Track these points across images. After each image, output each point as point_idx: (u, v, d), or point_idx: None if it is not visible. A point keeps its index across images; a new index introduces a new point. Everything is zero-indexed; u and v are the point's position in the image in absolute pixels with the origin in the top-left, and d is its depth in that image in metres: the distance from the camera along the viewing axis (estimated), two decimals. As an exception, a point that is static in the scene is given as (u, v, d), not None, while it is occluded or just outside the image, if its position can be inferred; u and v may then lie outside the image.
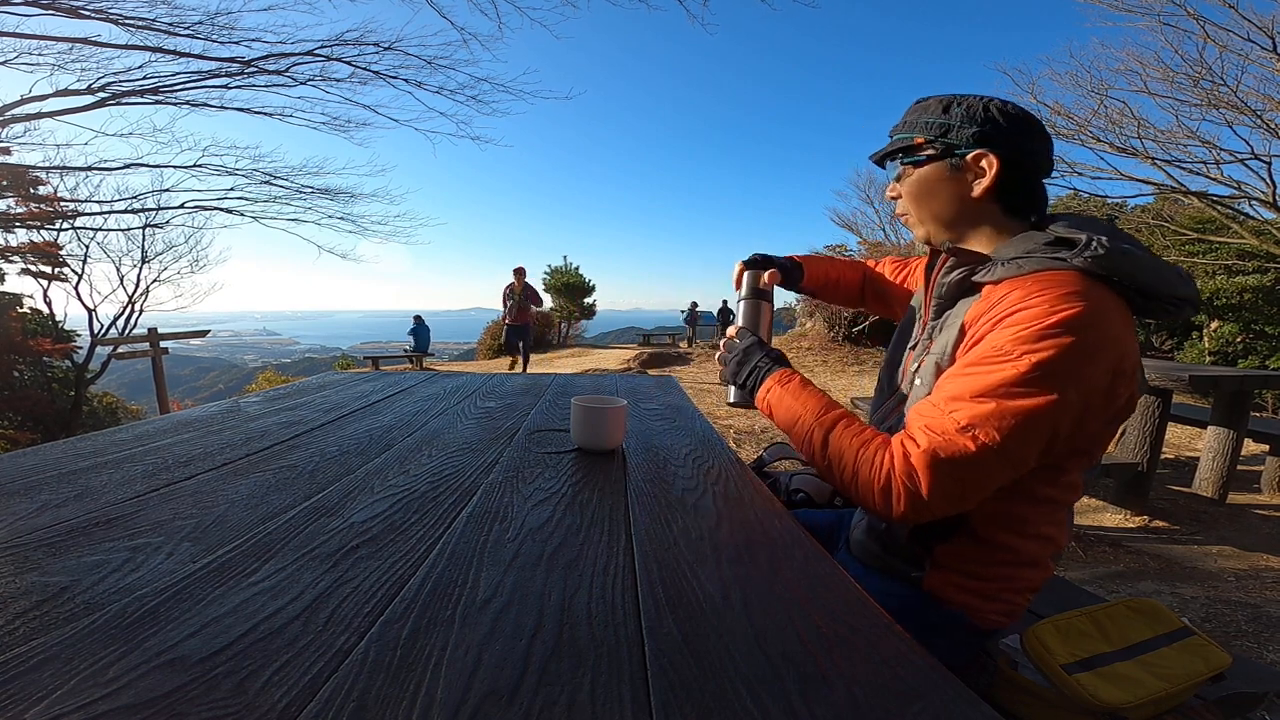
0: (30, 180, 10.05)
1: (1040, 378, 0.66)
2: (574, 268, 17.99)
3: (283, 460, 0.91)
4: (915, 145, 0.84)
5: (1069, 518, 0.82)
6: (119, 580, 0.52)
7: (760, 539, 0.66)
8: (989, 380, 0.68)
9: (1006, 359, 0.68)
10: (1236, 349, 11.20)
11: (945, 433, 0.69)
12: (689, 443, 1.09)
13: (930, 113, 0.84)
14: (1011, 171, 0.80)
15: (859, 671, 0.42)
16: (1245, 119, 7.64)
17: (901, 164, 0.86)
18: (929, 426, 0.71)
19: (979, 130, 0.80)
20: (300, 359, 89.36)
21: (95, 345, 11.88)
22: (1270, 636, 1.86)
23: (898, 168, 0.87)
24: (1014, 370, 0.67)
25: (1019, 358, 0.67)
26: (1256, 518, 2.94)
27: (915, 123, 0.85)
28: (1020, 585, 0.81)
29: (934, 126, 0.83)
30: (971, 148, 0.80)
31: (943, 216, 0.85)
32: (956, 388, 0.71)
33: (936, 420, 0.71)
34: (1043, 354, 0.66)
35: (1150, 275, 0.72)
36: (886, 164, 0.90)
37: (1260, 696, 0.81)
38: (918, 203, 0.87)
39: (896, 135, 0.87)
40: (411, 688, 0.39)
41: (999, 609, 0.81)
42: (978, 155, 0.81)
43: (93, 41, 7.23)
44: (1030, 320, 0.68)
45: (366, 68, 8.46)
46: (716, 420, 4.80)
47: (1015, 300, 0.71)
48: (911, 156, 0.85)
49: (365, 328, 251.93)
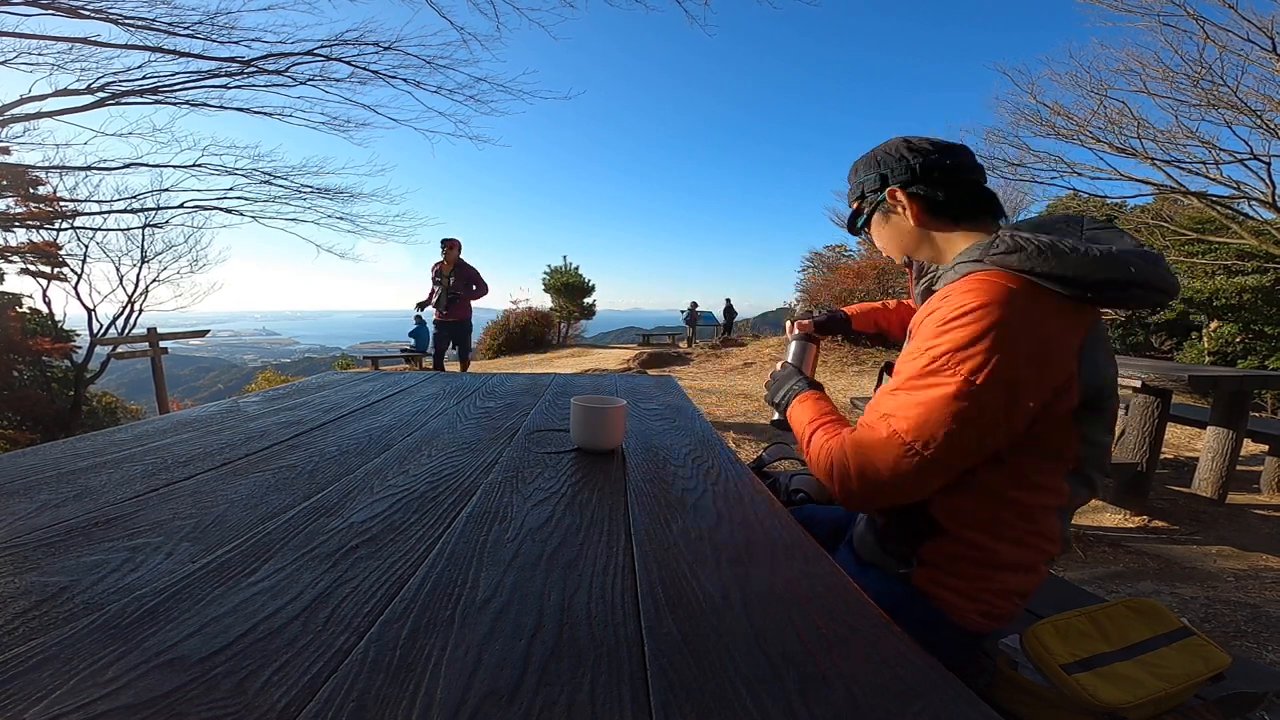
0: (30, 180, 10.04)
1: (941, 367, 0.72)
2: (574, 268, 17.99)
3: (282, 460, 0.91)
4: (855, 210, 0.99)
5: (1060, 525, 0.80)
6: (118, 580, 0.52)
7: (760, 539, 0.66)
8: (902, 374, 0.77)
9: (918, 354, 0.75)
10: (1236, 349, 11.21)
11: (867, 423, 0.78)
12: (689, 443, 1.09)
13: (850, 180, 0.99)
14: (926, 192, 0.88)
15: (859, 671, 0.42)
16: (1245, 119, 7.64)
17: (860, 226, 1.00)
18: (860, 419, 0.81)
19: (878, 175, 0.92)
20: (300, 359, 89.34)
21: (95, 345, 11.87)
22: (1270, 636, 1.86)
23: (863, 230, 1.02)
24: (922, 361, 0.74)
25: (925, 352, 0.74)
26: (1256, 518, 2.94)
27: (849, 192, 1.00)
28: (999, 588, 0.80)
29: (855, 188, 0.98)
30: (880, 192, 0.92)
31: (907, 249, 0.96)
32: (886, 386, 0.81)
33: (866, 414, 0.80)
34: (943, 345, 0.72)
35: (1072, 267, 0.71)
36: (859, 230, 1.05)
37: (1260, 696, 0.81)
38: (887, 247, 0.99)
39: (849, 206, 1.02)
40: (411, 688, 0.39)
41: (979, 609, 0.80)
42: (891, 193, 0.92)
43: (92, 41, 7.22)
44: (940, 318, 0.75)
45: (366, 67, 8.46)
46: (716, 420, 4.80)
47: (935, 302, 0.79)
48: (860, 219, 0.99)
49: (365, 328, 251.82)
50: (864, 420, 0.80)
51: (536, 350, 14.89)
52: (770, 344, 10.74)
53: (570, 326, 17.95)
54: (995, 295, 0.71)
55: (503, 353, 14.85)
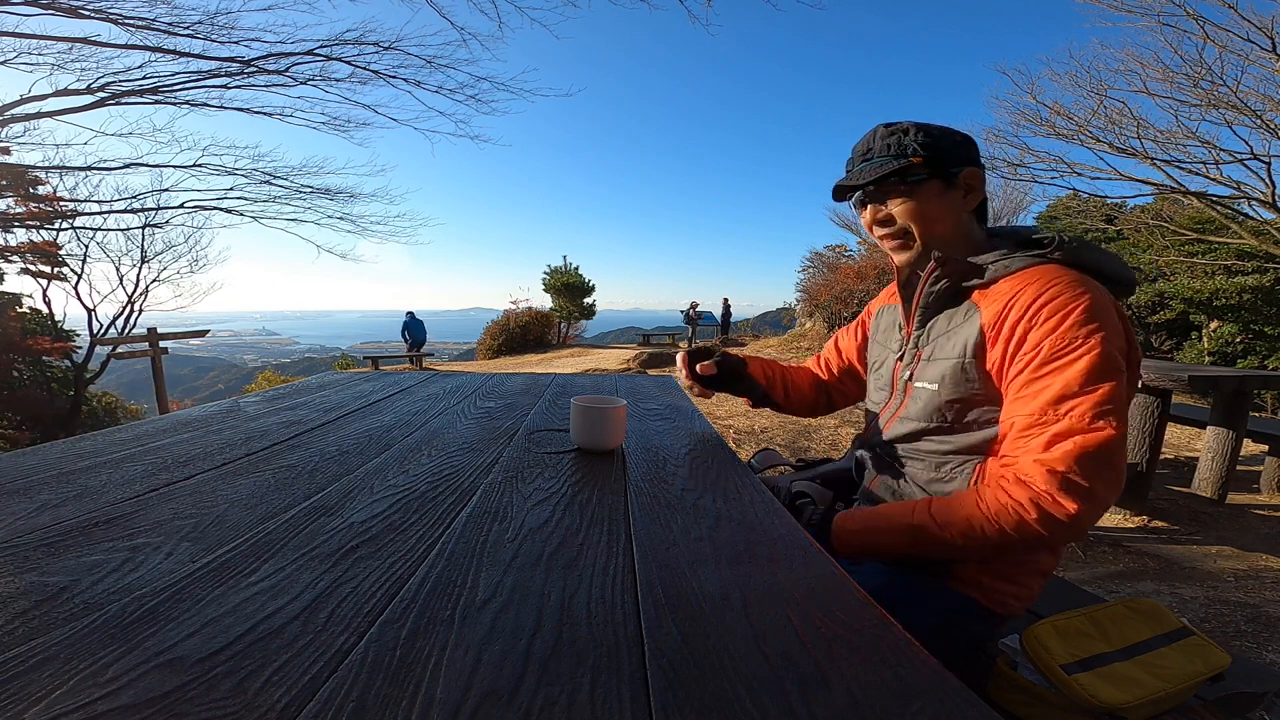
0: (30, 180, 10.04)
1: (1109, 353, 0.74)
2: (574, 268, 18.00)
3: (282, 460, 0.91)
4: (912, 166, 0.87)
5: None
6: (118, 580, 0.52)
7: (760, 539, 0.66)
8: (1076, 371, 0.74)
9: (1075, 348, 0.75)
10: (1236, 349, 11.20)
11: (1076, 430, 0.72)
12: (689, 443, 1.09)
13: (912, 136, 0.88)
14: (985, 191, 0.92)
15: (859, 671, 0.42)
16: (1245, 119, 7.63)
17: (906, 184, 0.88)
18: (1055, 435, 0.73)
19: (959, 150, 0.89)
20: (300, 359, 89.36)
21: (94, 345, 11.88)
22: (1269, 636, 1.86)
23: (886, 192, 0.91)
24: (1092, 354, 0.74)
25: (1085, 341, 0.74)
26: (1256, 518, 2.94)
27: (904, 145, 0.88)
28: (1035, 568, 0.86)
29: (928, 147, 0.87)
30: (961, 166, 0.88)
31: (943, 234, 0.91)
32: (1051, 392, 0.75)
33: (1056, 427, 0.73)
34: (1099, 334, 0.75)
35: (1107, 263, 0.85)
36: (864, 192, 0.93)
37: (1260, 696, 0.81)
38: (922, 222, 0.90)
39: (881, 159, 0.89)
40: (411, 688, 0.39)
41: (1015, 591, 0.85)
42: (970, 172, 0.89)
43: (92, 41, 7.22)
44: (1064, 309, 0.76)
45: (366, 67, 8.46)
46: (716, 420, 4.80)
47: (1033, 295, 0.79)
48: (913, 176, 0.88)
49: (364, 327, 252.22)
50: (1059, 433, 0.73)
51: (537, 350, 14.89)
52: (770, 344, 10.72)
53: (570, 326, 17.95)
54: (1095, 285, 0.80)
55: (503, 353, 14.85)
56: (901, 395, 0.97)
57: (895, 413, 0.97)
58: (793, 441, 4.37)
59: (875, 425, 1.02)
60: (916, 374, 0.93)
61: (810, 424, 4.79)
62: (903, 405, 0.95)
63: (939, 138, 0.88)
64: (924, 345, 0.93)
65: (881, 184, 0.90)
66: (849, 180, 0.93)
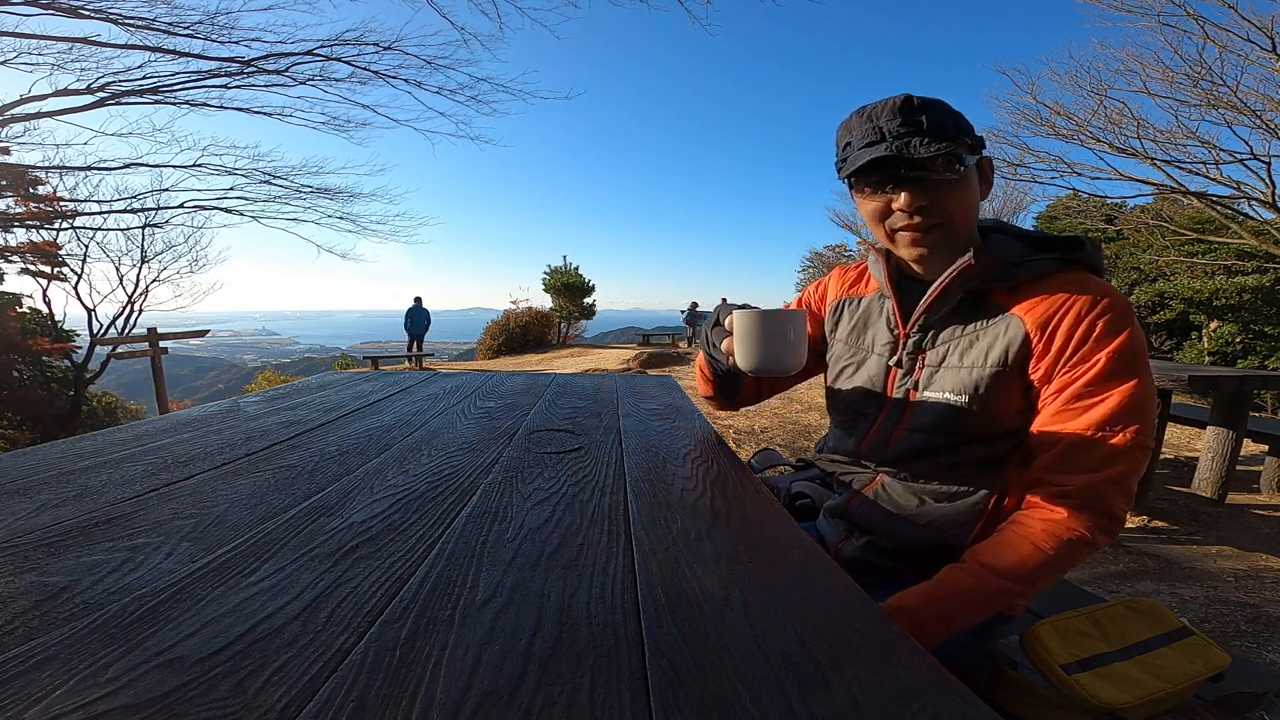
0: (30, 180, 10.04)
1: (1152, 377, 0.77)
2: (574, 268, 18.00)
3: (282, 460, 0.91)
4: (966, 149, 0.78)
5: None
6: (118, 580, 0.52)
7: (760, 539, 0.66)
8: (1125, 392, 0.74)
9: (1128, 368, 0.75)
10: (1236, 349, 11.20)
11: (1127, 452, 0.74)
12: (689, 443, 1.09)
13: (954, 117, 0.78)
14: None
15: (859, 671, 0.42)
16: (1245, 119, 7.64)
17: (957, 168, 0.78)
18: (1109, 456, 0.74)
19: (976, 136, 0.81)
20: (300, 359, 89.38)
21: (94, 345, 11.88)
22: (1269, 636, 1.86)
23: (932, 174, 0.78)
24: (1143, 377, 0.75)
25: (1136, 362, 0.75)
26: (1256, 518, 2.94)
27: (956, 123, 0.78)
28: None
29: (968, 132, 0.79)
30: (978, 154, 0.81)
31: (970, 227, 0.84)
32: (1101, 411, 0.75)
33: (1112, 449, 0.74)
34: (1144, 356, 0.77)
35: (1103, 263, 0.85)
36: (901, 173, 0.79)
37: (1259, 696, 0.81)
38: (964, 214, 0.81)
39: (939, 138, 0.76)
40: (411, 688, 0.39)
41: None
42: (988, 161, 0.84)
43: (92, 41, 7.23)
44: (1118, 328, 0.76)
45: (366, 67, 8.47)
46: (716, 420, 4.80)
47: (1085, 307, 0.77)
48: (965, 160, 0.78)
49: (364, 327, 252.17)
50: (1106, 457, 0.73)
51: (537, 350, 14.88)
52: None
53: (570, 326, 17.95)
54: (1122, 297, 0.79)
55: (503, 352, 14.85)
56: (900, 406, 0.90)
57: (898, 424, 0.90)
58: (793, 441, 4.37)
59: (864, 436, 0.94)
60: (924, 382, 0.86)
61: (810, 424, 4.79)
62: (906, 416, 0.89)
63: (957, 122, 0.79)
64: (930, 349, 0.87)
65: (930, 164, 0.77)
66: (891, 153, 0.76)
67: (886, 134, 0.78)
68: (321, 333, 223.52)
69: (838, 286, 1.08)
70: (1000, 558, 0.75)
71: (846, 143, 0.84)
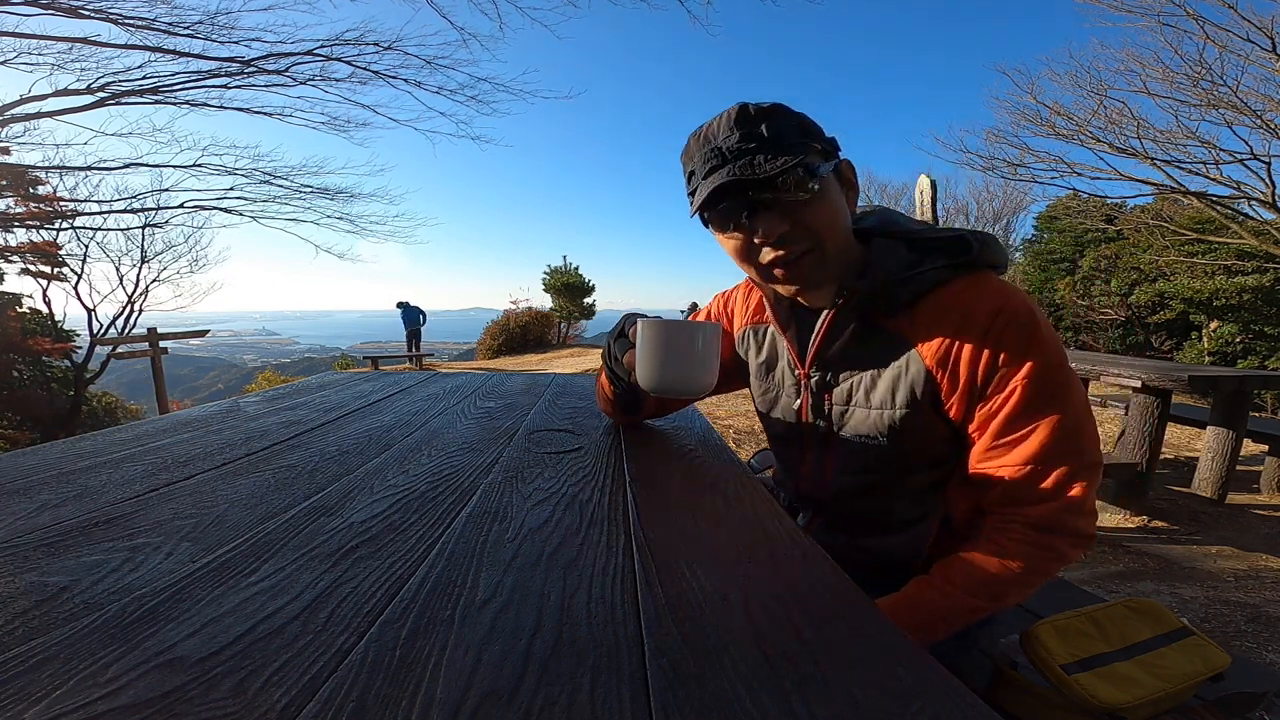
0: (30, 180, 10.04)
1: (1076, 376, 0.74)
2: (574, 268, 18.01)
3: (282, 460, 0.91)
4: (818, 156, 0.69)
5: None
6: (118, 580, 0.52)
7: (760, 539, 0.66)
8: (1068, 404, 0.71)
9: (1058, 380, 0.72)
10: (1236, 349, 11.20)
11: (1084, 463, 0.72)
12: (689, 443, 1.09)
13: (797, 120, 0.70)
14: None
15: (859, 671, 0.42)
16: (1245, 119, 7.64)
17: (814, 180, 0.68)
18: (1066, 474, 0.71)
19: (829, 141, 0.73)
20: (299, 359, 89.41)
21: (94, 345, 11.88)
22: (1270, 636, 1.86)
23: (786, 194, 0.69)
24: (1074, 385, 0.73)
25: (1063, 370, 0.72)
26: (1256, 518, 2.94)
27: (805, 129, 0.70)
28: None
29: (816, 136, 0.70)
30: (834, 159, 0.72)
31: (843, 241, 0.75)
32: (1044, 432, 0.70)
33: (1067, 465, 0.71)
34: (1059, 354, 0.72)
35: (999, 253, 0.78)
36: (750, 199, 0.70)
37: (1259, 696, 0.81)
38: (832, 231, 0.72)
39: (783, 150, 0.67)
40: (411, 687, 0.39)
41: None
42: (847, 163, 0.75)
43: (92, 41, 7.23)
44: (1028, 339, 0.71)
45: (366, 67, 8.48)
46: (716, 420, 4.80)
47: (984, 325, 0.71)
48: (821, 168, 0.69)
49: (364, 327, 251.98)
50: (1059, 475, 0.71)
51: (536, 350, 14.88)
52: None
53: (570, 326, 17.95)
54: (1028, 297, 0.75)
55: (503, 352, 14.86)
56: (823, 443, 0.87)
57: (826, 466, 0.88)
58: (793, 441, 4.36)
59: (799, 476, 0.95)
60: (838, 421, 0.83)
61: (810, 424, 4.77)
62: (831, 458, 0.87)
63: (801, 129, 0.69)
64: (836, 386, 0.83)
65: (782, 181, 0.67)
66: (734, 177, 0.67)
67: (727, 154, 0.68)
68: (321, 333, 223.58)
69: (743, 311, 1.01)
70: (970, 575, 0.73)
71: (690, 172, 0.74)
